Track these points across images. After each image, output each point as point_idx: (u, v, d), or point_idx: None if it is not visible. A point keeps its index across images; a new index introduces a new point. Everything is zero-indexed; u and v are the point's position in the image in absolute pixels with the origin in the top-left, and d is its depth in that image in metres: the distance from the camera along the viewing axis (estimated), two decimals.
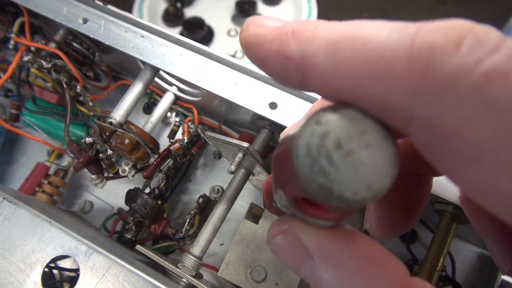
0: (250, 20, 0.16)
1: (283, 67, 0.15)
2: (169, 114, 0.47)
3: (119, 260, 0.29)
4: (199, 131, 0.41)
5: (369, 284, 0.14)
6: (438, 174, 0.20)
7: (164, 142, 0.44)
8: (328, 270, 0.15)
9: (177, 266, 0.32)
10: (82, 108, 0.42)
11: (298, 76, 0.14)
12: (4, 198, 0.32)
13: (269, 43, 0.15)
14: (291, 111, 0.33)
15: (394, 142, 0.13)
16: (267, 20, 0.16)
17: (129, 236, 0.40)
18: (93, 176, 0.46)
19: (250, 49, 0.16)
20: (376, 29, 0.13)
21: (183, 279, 0.33)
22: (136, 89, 0.36)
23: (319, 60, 0.13)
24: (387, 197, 0.20)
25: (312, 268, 0.16)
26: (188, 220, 0.40)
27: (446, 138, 0.12)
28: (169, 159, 0.41)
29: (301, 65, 0.14)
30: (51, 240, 0.30)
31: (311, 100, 0.33)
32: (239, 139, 0.37)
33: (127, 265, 0.29)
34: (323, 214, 0.15)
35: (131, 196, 0.38)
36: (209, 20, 0.77)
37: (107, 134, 0.37)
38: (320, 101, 0.21)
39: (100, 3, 0.37)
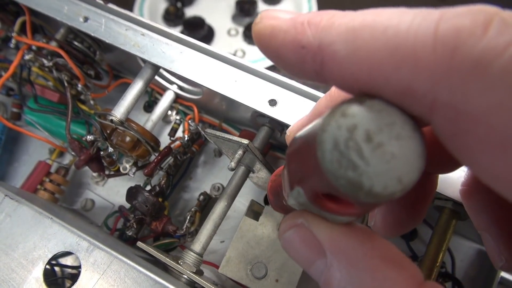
0: (263, 13, 0.16)
1: (299, 57, 0.14)
2: (169, 112, 0.47)
3: (120, 256, 0.29)
4: (200, 129, 0.42)
5: (382, 284, 0.14)
6: (445, 172, 0.20)
7: (164, 140, 0.45)
8: (341, 268, 0.15)
9: (178, 263, 0.32)
10: (83, 107, 0.43)
11: (315, 66, 0.14)
12: (6, 195, 0.32)
13: (283, 33, 0.15)
14: (290, 108, 0.33)
15: (422, 134, 0.13)
16: (280, 13, 0.15)
17: (130, 234, 0.40)
18: (94, 174, 0.47)
19: (264, 41, 0.15)
20: (397, 15, 0.12)
21: (184, 276, 0.33)
22: (136, 87, 0.36)
23: (337, 48, 0.13)
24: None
25: (323, 266, 0.16)
26: (188, 218, 0.40)
27: (472, 124, 0.11)
28: (170, 157, 0.41)
29: (318, 54, 0.14)
30: (53, 237, 0.30)
31: (310, 97, 0.33)
32: (239, 136, 0.37)
33: (129, 261, 0.29)
34: (345, 210, 0.15)
35: (132, 193, 0.38)
36: (209, 20, 0.77)
37: (108, 132, 0.37)
38: (325, 96, 0.20)
39: (101, 1, 0.37)
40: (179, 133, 0.45)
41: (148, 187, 0.41)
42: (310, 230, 0.16)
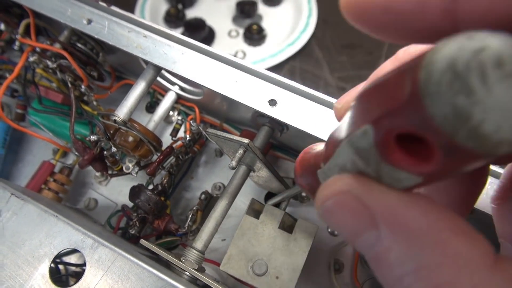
0: None
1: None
2: (171, 112, 0.48)
3: (124, 253, 0.30)
4: (201, 129, 0.42)
5: (454, 261, 0.12)
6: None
7: (166, 140, 0.45)
8: (399, 242, 0.13)
9: (180, 260, 0.33)
10: (86, 107, 0.43)
11: (444, 3, 0.12)
12: (12, 194, 0.33)
13: None
14: (290, 108, 0.34)
15: None
16: None
17: (133, 232, 0.41)
18: (97, 174, 0.47)
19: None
20: None
21: (186, 272, 0.34)
22: (139, 87, 0.37)
23: None
24: (444, 187, 0.18)
25: (374, 239, 0.13)
26: (190, 216, 0.41)
27: None
28: (172, 157, 0.42)
29: None
30: (58, 234, 0.31)
31: (309, 97, 0.34)
32: (240, 136, 0.38)
33: (132, 258, 0.30)
34: (418, 165, 0.12)
35: (135, 192, 0.39)
36: (210, 21, 0.78)
37: (111, 132, 0.38)
38: (391, 60, 0.18)
39: (104, 4, 0.38)
40: (181, 133, 0.46)
41: (151, 186, 0.42)
42: (358, 198, 0.14)
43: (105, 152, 0.39)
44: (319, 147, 0.22)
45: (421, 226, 0.13)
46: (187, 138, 0.43)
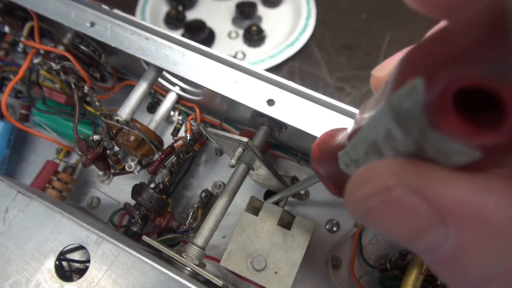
0: None
1: None
2: (172, 113, 0.49)
3: (127, 249, 0.31)
4: (201, 129, 0.43)
5: None
6: None
7: (167, 140, 0.46)
8: (478, 239, 0.10)
9: (181, 256, 0.34)
10: (89, 108, 0.44)
11: None
12: (18, 192, 0.34)
13: None
14: (287, 107, 0.35)
15: None
16: None
17: (135, 229, 0.41)
18: (100, 173, 0.48)
19: None
20: None
21: (187, 268, 0.34)
22: (141, 88, 0.38)
23: None
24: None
25: (441, 237, 0.11)
26: (191, 214, 0.42)
27: None
28: (173, 156, 0.43)
29: None
30: (63, 230, 0.32)
31: (306, 97, 0.35)
32: (239, 135, 0.38)
33: (135, 253, 0.31)
34: (481, 133, 0.09)
35: (137, 190, 0.39)
36: (210, 23, 0.79)
37: (114, 131, 0.38)
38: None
39: (107, 7, 0.39)
40: (182, 133, 0.47)
41: (152, 185, 0.43)
42: (414, 190, 0.11)
43: (107, 151, 0.40)
44: (344, 131, 0.18)
45: (505, 215, 0.10)
46: (188, 138, 0.44)
